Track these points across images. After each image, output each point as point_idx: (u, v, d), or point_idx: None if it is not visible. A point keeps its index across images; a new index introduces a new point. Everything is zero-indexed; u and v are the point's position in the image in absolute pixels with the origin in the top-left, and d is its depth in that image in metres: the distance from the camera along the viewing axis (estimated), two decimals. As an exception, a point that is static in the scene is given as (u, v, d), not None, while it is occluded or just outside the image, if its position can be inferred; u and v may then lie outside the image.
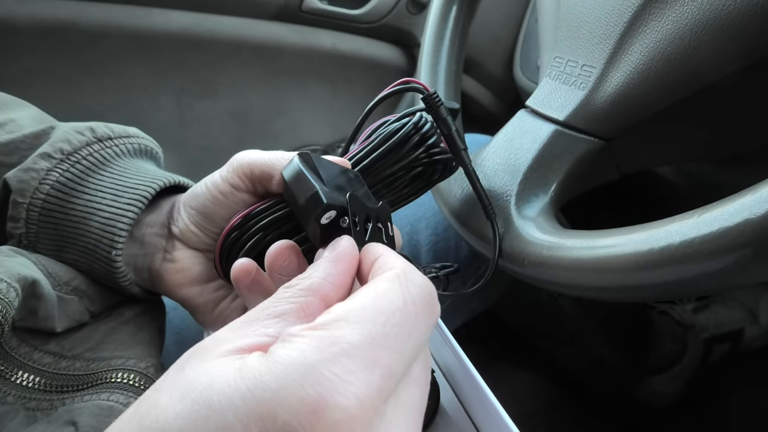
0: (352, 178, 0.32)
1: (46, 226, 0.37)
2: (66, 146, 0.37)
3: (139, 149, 0.42)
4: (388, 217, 0.31)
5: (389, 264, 0.24)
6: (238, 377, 0.19)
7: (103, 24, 0.82)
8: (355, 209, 0.28)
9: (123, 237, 0.36)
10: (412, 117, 0.36)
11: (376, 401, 0.19)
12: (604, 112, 0.39)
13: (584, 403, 1.00)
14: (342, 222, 0.28)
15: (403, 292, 0.22)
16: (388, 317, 0.20)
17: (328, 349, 0.19)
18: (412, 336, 0.21)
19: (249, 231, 0.35)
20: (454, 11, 0.57)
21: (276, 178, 0.34)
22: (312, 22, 0.95)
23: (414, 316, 0.21)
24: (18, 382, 0.32)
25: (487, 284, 0.39)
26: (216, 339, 0.21)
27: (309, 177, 0.29)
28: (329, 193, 0.28)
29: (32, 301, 0.32)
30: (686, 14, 0.35)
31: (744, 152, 0.46)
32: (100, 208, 0.37)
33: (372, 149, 0.36)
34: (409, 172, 0.36)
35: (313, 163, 0.30)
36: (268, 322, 0.22)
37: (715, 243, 0.26)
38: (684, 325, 0.99)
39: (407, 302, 0.21)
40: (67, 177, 0.37)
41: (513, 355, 1.03)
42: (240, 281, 0.33)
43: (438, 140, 0.37)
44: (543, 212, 0.39)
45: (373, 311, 0.20)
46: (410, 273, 0.23)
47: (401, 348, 0.20)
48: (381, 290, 0.21)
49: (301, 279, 0.24)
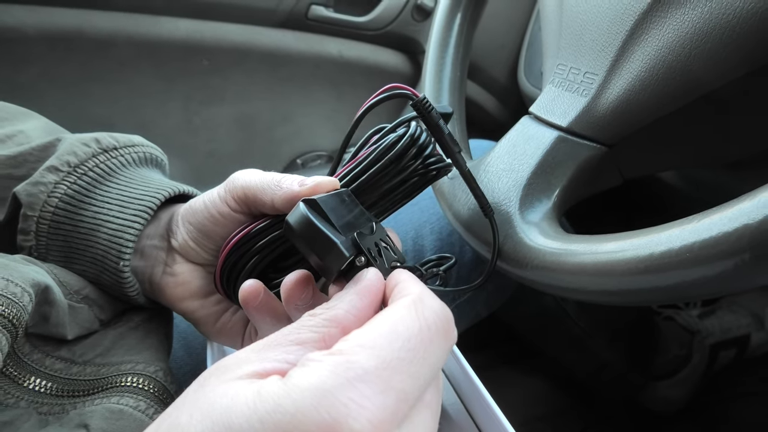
0: (347, 200, 0.32)
1: (56, 238, 0.38)
2: (72, 159, 0.38)
3: (144, 158, 0.42)
4: (384, 232, 0.32)
5: (406, 290, 0.24)
6: (257, 400, 0.19)
7: (111, 32, 0.82)
8: (368, 246, 0.28)
9: (130, 248, 0.37)
10: (408, 128, 0.35)
11: (390, 425, 0.19)
12: (606, 119, 0.39)
13: (590, 408, 1.00)
14: (358, 261, 0.28)
15: (419, 318, 0.22)
16: (403, 343, 0.21)
17: (344, 374, 0.19)
18: (426, 361, 0.21)
19: (247, 253, 0.35)
20: (459, 18, 0.57)
21: (268, 203, 0.34)
22: (318, 29, 0.96)
23: (429, 342, 0.22)
24: (30, 388, 0.32)
25: (493, 286, 0.40)
26: (238, 359, 0.22)
27: (322, 228, 0.27)
28: (346, 242, 0.27)
29: (44, 307, 0.33)
30: (687, 23, 0.35)
31: (745, 158, 0.46)
32: (108, 219, 0.37)
33: (369, 164, 0.35)
34: (406, 182, 0.36)
35: (319, 207, 0.29)
36: (290, 348, 0.22)
37: (714, 248, 0.26)
38: (690, 330, 0.99)
39: (422, 328, 0.22)
40: (75, 189, 0.38)
41: (519, 359, 1.03)
42: (249, 303, 0.33)
43: (434, 149, 0.37)
44: (546, 217, 0.39)
45: (388, 337, 0.21)
46: (427, 299, 0.23)
47: (416, 373, 0.21)
48: (397, 317, 0.22)
49: (325, 309, 0.24)
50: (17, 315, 0.29)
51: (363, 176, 0.35)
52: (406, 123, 0.36)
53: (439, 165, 0.36)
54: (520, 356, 1.03)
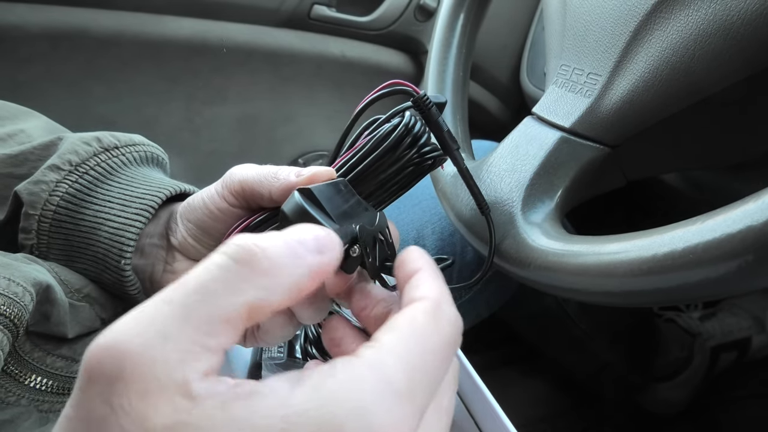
0: (343, 190, 0.32)
1: (57, 236, 0.38)
2: (74, 157, 0.38)
3: (145, 157, 0.42)
4: (385, 223, 0.31)
5: (424, 290, 0.24)
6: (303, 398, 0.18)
7: (114, 31, 0.83)
8: (365, 239, 0.28)
9: (131, 246, 0.37)
10: (402, 117, 0.35)
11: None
12: (609, 120, 0.39)
13: (591, 410, 1.00)
14: (352, 252, 0.27)
15: (440, 331, 0.22)
16: (428, 356, 0.21)
17: (375, 386, 0.19)
18: (440, 373, 0.21)
19: None
20: (462, 19, 0.57)
21: (266, 195, 0.34)
22: (320, 29, 0.96)
23: (446, 353, 0.22)
24: (31, 386, 0.32)
25: (494, 287, 0.40)
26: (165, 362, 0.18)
27: (315, 216, 0.27)
28: (341, 230, 0.27)
29: (46, 306, 0.33)
30: (691, 24, 0.35)
31: (749, 159, 0.46)
32: (109, 218, 0.37)
33: (365, 154, 0.35)
34: (402, 171, 0.36)
35: (314, 197, 0.28)
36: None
37: (718, 249, 0.26)
38: (691, 332, 0.99)
39: (442, 343, 0.22)
40: (76, 188, 0.38)
41: (519, 360, 1.03)
42: None
43: (429, 138, 0.36)
44: (549, 218, 0.39)
45: (410, 348, 0.20)
46: (445, 306, 0.23)
47: (432, 386, 0.21)
48: (420, 328, 0.21)
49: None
50: (18, 314, 0.29)
51: (359, 166, 0.35)
52: (401, 113, 0.36)
53: (434, 154, 0.36)
54: (521, 357, 1.03)
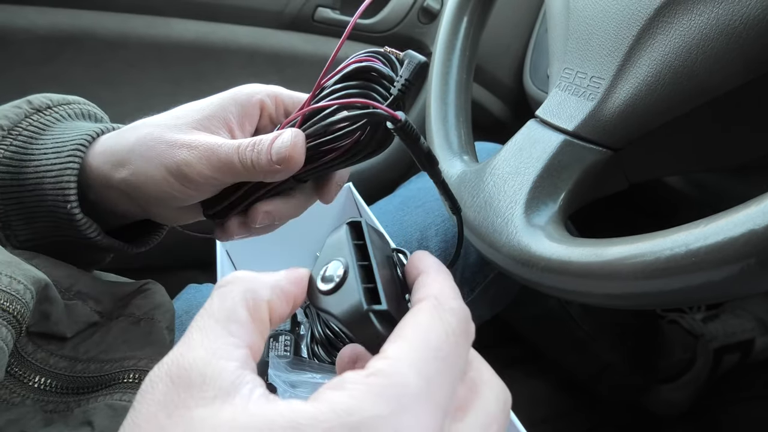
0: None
1: (9, 201, 0.37)
2: (5, 122, 0.38)
3: (80, 113, 0.42)
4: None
5: (423, 291, 0.23)
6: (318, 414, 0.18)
7: (120, 33, 0.83)
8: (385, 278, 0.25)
9: (73, 189, 0.36)
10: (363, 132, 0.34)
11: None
12: (612, 123, 0.39)
13: (593, 411, 1.00)
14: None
15: (443, 324, 0.21)
16: (436, 353, 0.20)
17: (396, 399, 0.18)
18: (456, 367, 0.21)
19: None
20: (465, 21, 0.58)
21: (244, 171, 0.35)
22: (324, 31, 0.96)
23: (456, 346, 0.21)
24: (35, 386, 0.33)
25: (497, 289, 0.40)
26: (216, 370, 0.19)
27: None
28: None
29: (45, 304, 0.33)
30: (694, 28, 0.35)
31: (752, 162, 0.46)
32: (48, 169, 0.37)
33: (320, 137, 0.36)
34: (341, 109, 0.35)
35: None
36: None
37: (720, 253, 0.26)
38: (694, 334, 0.99)
39: (448, 333, 0.21)
40: (12, 150, 0.37)
41: (522, 362, 1.03)
42: None
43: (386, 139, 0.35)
44: (552, 220, 0.40)
45: (421, 351, 0.20)
46: (445, 300, 0.23)
47: (449, 382, 0.20)
48: (424, 326, 0.21)
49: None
50: (21, 311, 0.30)
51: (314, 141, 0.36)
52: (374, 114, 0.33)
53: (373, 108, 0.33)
54: (524, 358, 1.03)
